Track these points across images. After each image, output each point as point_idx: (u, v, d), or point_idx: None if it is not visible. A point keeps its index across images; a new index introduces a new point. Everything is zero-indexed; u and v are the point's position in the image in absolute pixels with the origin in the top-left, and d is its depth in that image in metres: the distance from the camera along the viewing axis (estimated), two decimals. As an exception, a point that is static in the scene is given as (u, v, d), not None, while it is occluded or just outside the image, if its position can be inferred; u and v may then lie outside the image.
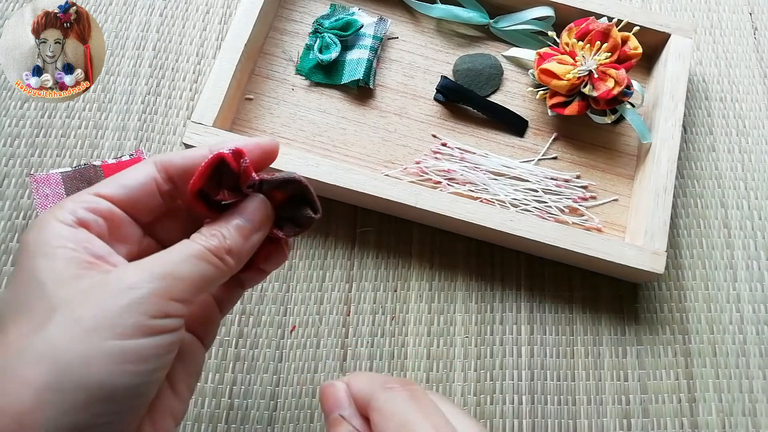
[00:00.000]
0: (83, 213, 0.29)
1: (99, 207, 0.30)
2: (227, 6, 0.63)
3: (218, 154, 0.30)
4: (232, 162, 0.31)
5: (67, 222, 0.28)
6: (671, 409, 0.51)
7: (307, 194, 0.33)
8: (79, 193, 0.30)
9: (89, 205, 0.30)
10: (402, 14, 0.63)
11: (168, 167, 0.32)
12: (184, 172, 0.32)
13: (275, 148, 0.34)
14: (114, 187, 0.31)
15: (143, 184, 0.31)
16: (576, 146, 0.59)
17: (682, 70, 0.58)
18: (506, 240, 0.52)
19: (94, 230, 0.29)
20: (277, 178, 0.32)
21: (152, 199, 0.32)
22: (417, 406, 0.28)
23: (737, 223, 0.58)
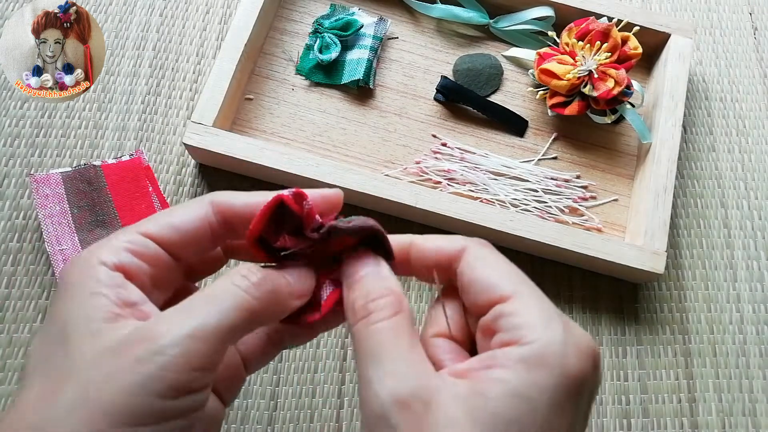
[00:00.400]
0: (126, 256, 0.27)
1: (146, 251, 0.27)
2: (227, 6, 0.63)
3: (278, 196, 0.28)
4: (293, 204, 0.28)
5: (107, 264, 0.26)
6: (671, 409, 0.51)
7: (383, 241, 0.30)
8: (127, 229, 0.28)
9: (135, 247, 0.27)
10: (402, 14, 0.63)
11: (226, 211, 0.29)
12: (244, 216, 0.29)
13: (340, 199, 0.32)
14: (164, 228, 0.28)
15: (197, 227, 0.29)
16: (576, 146, 0.59)
17: (682, 70, 0.58)
18: (506, 240, 0.52)
19: (136, 277, 0.27)
20: (352, 226, 0.29)
21: (204, 242, 0.29)
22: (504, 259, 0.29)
23: (737, 223, 0.58)
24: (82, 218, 0.50)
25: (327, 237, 0.29)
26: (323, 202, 0.30)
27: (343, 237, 0.30)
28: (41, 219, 0.50)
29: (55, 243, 0.49)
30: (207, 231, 0.29)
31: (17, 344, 0.48)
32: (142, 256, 0.27)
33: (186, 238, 0.28)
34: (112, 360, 0.23)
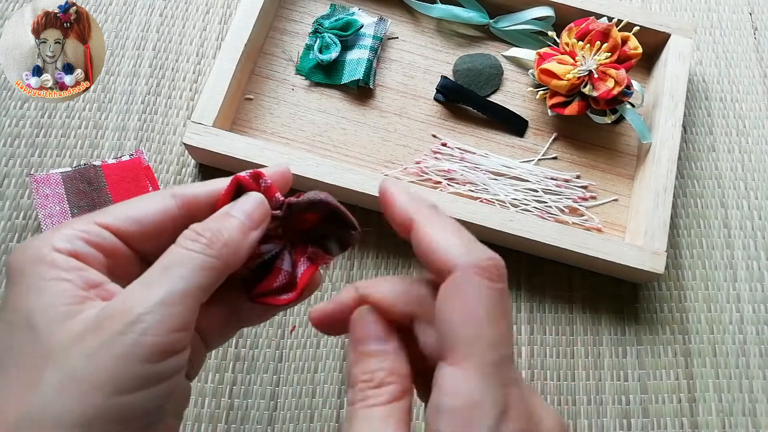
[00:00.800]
0: (80, 245, 0.27)
1: (101, 241, 0.27)
2: (227, 6, 0.63)
3: (235, 177, 0.29)
4: (251, 185, 0.29)
5: (60, 250, 0.26)
6: (671, 409, 0.51)
7: (340, 214, 0.30)
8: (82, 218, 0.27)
9: (91, 237, 0.27)
10: (402, 14, 0.63)
11: (188, 201, 0.29)
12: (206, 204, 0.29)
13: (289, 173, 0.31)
14: (123, 220, 0.28)
15: (159, 220, 0.28)
16: (576, 146, 0.59)
17: (682, 70, 0.58)
18: (506, 240, 0.52)
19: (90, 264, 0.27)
20: (303, 200, 0.30)
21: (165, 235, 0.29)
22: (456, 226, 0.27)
23: (737, 223, 0.58)
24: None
25: (288, 214, 0.30)
26: (280, 179, 0.30)
27: (304, 214, 0.30)
28: (41, 219, 0.50)
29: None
30: (169, 224, 0.29)
31: (17, 344, 0.48)
32: (98, 246, 0.27)
33: (147, 231, 0.28)
34: (92, 338, 0.24)
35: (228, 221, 0.28)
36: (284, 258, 0.31)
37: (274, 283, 0.30)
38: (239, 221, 0.28)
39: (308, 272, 0.30)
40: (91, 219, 0.28)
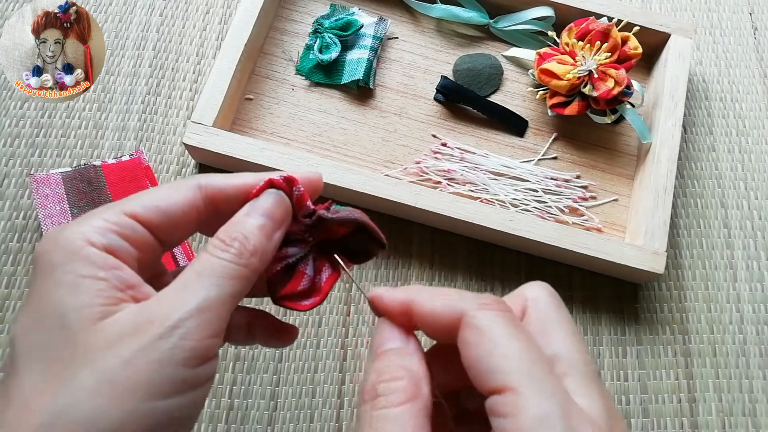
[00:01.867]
0: (114, 239, 0.26)
1: (134, 235, 0.27)
2: (227, 6, 0.63)
3: (269, 180, 0.28)
4: (284, 188, 0.29)
5: (95, 245, 0.25)
6: (671, 409, 0.51)
7: (372, 232, 0.30)
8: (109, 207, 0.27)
9: (123, 230, 0.27)
10: (402, 14, 0.63)
11: (216, 195, 0.29)
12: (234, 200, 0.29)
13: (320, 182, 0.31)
14: (151, 211, 0.28)
15: (184, 212, 0.28)
16: (576, 146, 0.59)
17: (682, 70, 0.58)
18: (506, 240, 0.52)
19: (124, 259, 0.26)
20: (339, 217, 0.30)
21: (190, 227, 0.29)
22: (517, 331, 0.24)
23: (737, 223, 0.58)
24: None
25: (317, 224, 0.30)
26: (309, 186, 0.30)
27: (333, 226, 0.30)
28: (41, 219, 0.50)
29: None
30: (194, 215, 0.29)
31: (17, 344, 0.48)
32: (130, 240, 0.27)
33: (173, 223, 0.28)
34: (130, 342, 0.24)
35: (251, 224, 0.28)
36: (308, 263, 0.31)
37: (297, 286, 0.30)
38: (262, 224, 0.28)
39: (332, 279, 0.31)
40: (120, 209, 0.27)
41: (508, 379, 0.22)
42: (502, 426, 0.22)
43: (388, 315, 0.28)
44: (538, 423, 0.21)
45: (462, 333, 0.24)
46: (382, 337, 0.27)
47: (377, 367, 0.25)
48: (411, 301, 0.27)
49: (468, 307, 0.24)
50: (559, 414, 0.21)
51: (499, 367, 0.22)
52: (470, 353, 0.24)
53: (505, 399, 0.22)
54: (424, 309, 0.26)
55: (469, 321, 0.24)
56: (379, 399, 0.24)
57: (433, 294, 0.26)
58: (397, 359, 0.26)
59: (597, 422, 0.22)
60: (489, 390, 0.23)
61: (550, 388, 0.22)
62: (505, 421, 0.22)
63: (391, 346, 0.26)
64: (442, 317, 0.25)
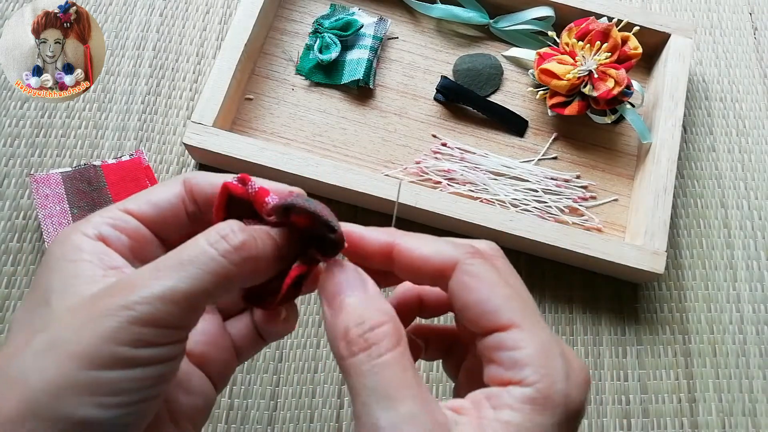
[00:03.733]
0: (107, 229, 0.27)
1: (126, 225, 0.28)
2: (227, 6, 0.63)
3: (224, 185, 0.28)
4: (237, 189, 0.28)
5: (88, 235, 0.27)
6: (671, 409, 0.51)
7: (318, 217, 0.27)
8: (108, 207, 0.29)
9: (115, 222, 0.28)
10: (402, 14, 0.63)
11: (193, 187, 0.29)
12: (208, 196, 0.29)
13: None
14: (142, 205, 0.29)
15: (172, 203, 0.29)
16: (576, 146, 0.59)
17: (682, 70, 0.58)
18: (506, 240, 0.52)
19: (116, 247, 0.27)
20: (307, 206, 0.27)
21: (179, 219, 0.29)
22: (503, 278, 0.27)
23: (737, 223, 0.58)
24: (82, 218, 0.50)
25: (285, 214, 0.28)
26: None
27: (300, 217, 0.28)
28: (41, 219, 0.50)
29: (55, 243, 0.49)
30: (181, 207, 0.29)
31: (17, 344, 0.49)
32: (122, 230, 0.28)
33: (163, 214, 0.29)
34: (84, 311, 0.24)
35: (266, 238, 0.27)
36: None
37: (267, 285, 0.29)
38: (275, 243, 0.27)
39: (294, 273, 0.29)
40: (117, 207, 0.29)
41: (512, 318, 0.25)
42: (511, 356, 0.25)
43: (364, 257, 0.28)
44: (543, 350, 0.25)
45: (459, 278, 0.26)
46: (343, 282, 0.27)
47: (354, 314, 0.25)
48: (393, 244, 0.28)
49: (460, 255, 0.27)
50: (554, 341, 0.26)
51: (500, 308, 0.26)
52: (469, 296, 0.26)
53: (510, 335, 0.25)
54: (412, 254, 0.27)
55: (466, 268, 0.26)
56: (373, 348, 0.24)
57: (419, 239, 0.28)
58: (374, 303, 0.26)
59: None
60: (491, 328, 0.26)
61: (541, 323, 0.26)
62: (513, 352, 0.25)
63: (358, 292, 0.26)
64: (432, 263, 0.27)
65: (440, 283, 0.27)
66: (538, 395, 0.24)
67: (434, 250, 0.27)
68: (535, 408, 0.24)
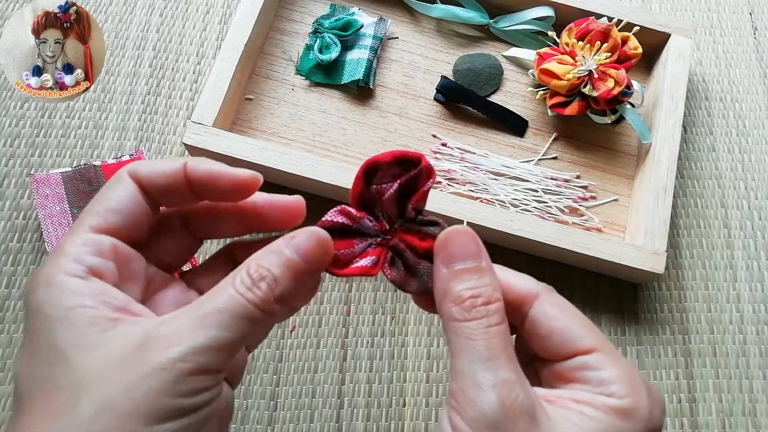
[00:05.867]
0: (92, 260, 0.26)
1: (103, 248, 0.27)
2: (227, 6, 0.63)
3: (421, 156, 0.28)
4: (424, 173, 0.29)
5: (77, 274, 0.26)
6: (671, 409, 0.51)
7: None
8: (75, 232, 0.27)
9: (93, 247, 0.27)
10: (402, 14, 0.63)
11: (143, 180, 0.29)
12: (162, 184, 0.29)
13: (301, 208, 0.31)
14: (108, 217, 0.27)
15: (133, 202, 0.28)
16: (576, 146, 0.59)
17: (682, 70, 0.58)
18: (506, 240, 0.52)
19: (108, 278, 0.27)
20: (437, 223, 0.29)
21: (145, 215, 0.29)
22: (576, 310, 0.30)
23: (737, 223, 0.58)
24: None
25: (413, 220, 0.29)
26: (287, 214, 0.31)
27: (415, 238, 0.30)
28: (41, 219, 0.50)
29: (55, 243, 0.49)
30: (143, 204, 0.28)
31: (17, 344, 0.48)
32: (103, 254, 0.27)
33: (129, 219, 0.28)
34: (131, 369, 0.24)
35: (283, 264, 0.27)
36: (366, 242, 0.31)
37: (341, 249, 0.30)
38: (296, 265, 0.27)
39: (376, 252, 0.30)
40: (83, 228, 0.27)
41: (594, 344, 0.28)
42: (598, 375, 0.27)
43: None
44: (627, 372, 0.27)
45: (543, 308, 0.29)
46: (462, 249, 0.28)
47: (469, 285, 0.27)
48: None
49: (541, 288, 0.30)
50: (634, 368, 0.28)
51: (583, 335, 0.28)
52: (554, 323, 0.28)
53: (595, 357, 0.27)
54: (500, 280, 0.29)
55: (549, 299, 0.29)
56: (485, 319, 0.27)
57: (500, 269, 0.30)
58: (489, 278, 0.28)
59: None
60: (576, 352, 0.28)
61: (618, 352, 0.29)
62: (600, 372, 0.27)
63: (473, 264, 0.28)
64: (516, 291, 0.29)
65: (516, 311, 0.29)
66: (625, 407, 0.26)
67: (517, 281, 0.30)
68: (620, 416, 0.26)
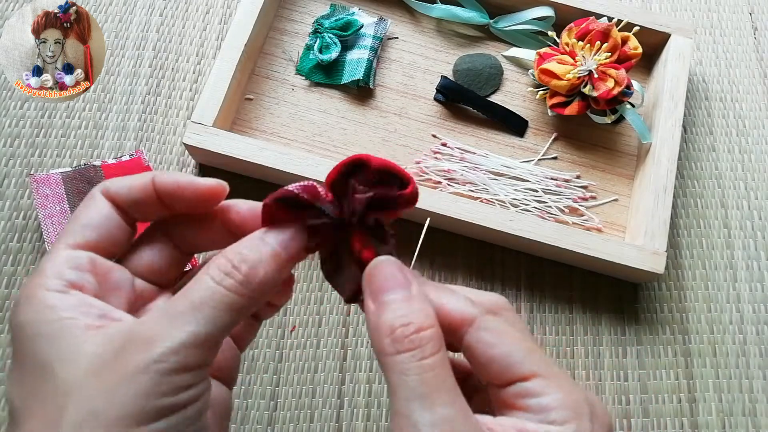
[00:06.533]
0: (71, 273, 0.27)
1: (80, 262, 0.27)
2: (227, 6, 0.63)
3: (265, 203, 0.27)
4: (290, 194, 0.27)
5: (57, 289, 0.26)
6: (671, 409, 0.51)
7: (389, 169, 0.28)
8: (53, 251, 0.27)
9: (71, 262, 0.27)
10: (402, 14, 0.63)
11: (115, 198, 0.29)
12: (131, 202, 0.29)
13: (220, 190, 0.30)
14: (84, 233, 0.28)
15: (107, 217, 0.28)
16: (576, 146, 0.59)
17: (682, 70, 0.58)
18: (506, 240, 0.52)
19: (88, 290, 0.27)
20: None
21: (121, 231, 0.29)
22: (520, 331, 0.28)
23: (737, 223, 0.58)
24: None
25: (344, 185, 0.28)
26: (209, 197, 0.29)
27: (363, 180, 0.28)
28: (41, 219, 0.50)
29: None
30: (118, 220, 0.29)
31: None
32: (81, 267, 0.27)
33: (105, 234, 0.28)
34: (111, 374, 0.24)
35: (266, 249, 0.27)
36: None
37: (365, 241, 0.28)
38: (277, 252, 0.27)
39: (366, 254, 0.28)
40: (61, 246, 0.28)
41: (534, 369, 0.26)
42: (539, 402, 0.26)
43: None
44: (568, 395, 0.26)
45: (478, 335, 0.27)
46: (390, 281, 0.27)
47: (398, 314, 0.26)
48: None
49: (477, 313, 0.27)
50: (577, 387, 0.27)
51: (522, 360, 0.26)
52: (492, 351, 0.27)
53: (535, 383, 0.26)
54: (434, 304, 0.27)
55: (485, 324, 0.27)
56: (418, 350, 0.25)
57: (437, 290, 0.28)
58: (419, 305, 0.26)
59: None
60: (515, 378, 0.26)
61: (562, 372, 0.27)
62: (540, 399, 0.26)
63: (404, 291, 0.27)
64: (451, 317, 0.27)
65: (453, 336, 0.28)
66: None
67: (452, 305, 0.28)
68: None
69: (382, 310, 0.26)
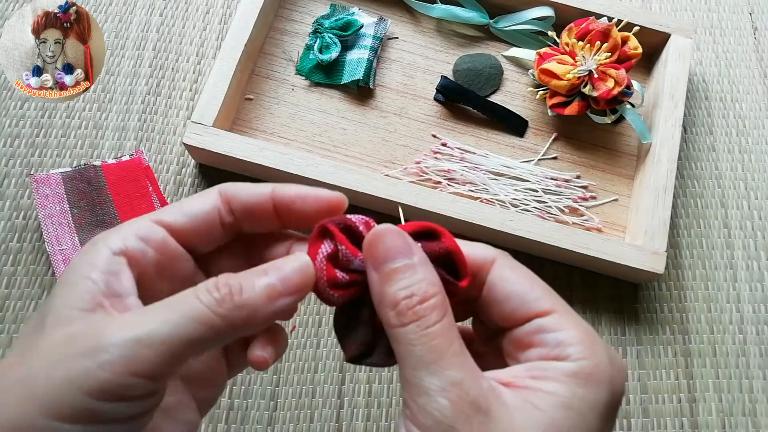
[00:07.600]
0: (133, 242, 0.26)
1: (154, 236, 0.27)
2: (227, 6, 0.63)
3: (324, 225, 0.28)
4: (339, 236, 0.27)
5: (112, 248, 0.26)
6: (671, 409, 0.51)
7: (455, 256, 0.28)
8: (142, 216, 0.28)
9: (144, 232, 0.27)
10: (402, 14, 0.63)
11: (230, 198, 0.29)
12: (247, 205, 0.29)
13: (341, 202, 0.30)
14: (175, 215, 0.28)
15: (206, 212, 0.28)
16: (576, 146, 0.59)
17: (682, 70, 0.58)
18: (506, 240, 0.52)
19: (140, 263, 0.26)
20: None
21: (213, 229, 0.29)
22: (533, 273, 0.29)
23: (737, 223, 0.58)
24: (82, 218, 0.50)
25: None
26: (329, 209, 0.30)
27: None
28: (41, 219, 0.50)
29: (55, 243, 0.49)
30: (216, 217, 0.29)
31: (17, 344, 0.49)
32: (149, 242, 0.27)
33: (196, 224, 0.28)
34: (62, 349, 0.23)
35: (258, 282, 0.26)
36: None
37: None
38: (269, 286, 0.26)
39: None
40: (150, 216, 0.28)
41: (552, 305, 0.27)
42: (555, 337, 0.26)
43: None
44: (586, 333, 0.26)
45: (500, 271, 0.28)
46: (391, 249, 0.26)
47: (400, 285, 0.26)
48: None
49: (497, 253, 0.29)
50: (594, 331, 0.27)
51: (541, 296, 0.27)
52: (511, 287, 0.28)
53: (553, 318, 0.27)
54: None
55: (506, 262, 0.29)
56: (422, 320, 0.25)
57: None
58: (422, 273, 0.26)
59: None
60: (533, 314, 0.27)
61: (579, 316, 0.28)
62: (557, 333, 0.26)
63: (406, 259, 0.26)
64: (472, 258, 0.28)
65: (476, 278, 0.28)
66: (584, 371, 0.25)
67: (471, 249, 0.29)
68: (579, 382, 0.25)
69: (385, 281, 0.26)
